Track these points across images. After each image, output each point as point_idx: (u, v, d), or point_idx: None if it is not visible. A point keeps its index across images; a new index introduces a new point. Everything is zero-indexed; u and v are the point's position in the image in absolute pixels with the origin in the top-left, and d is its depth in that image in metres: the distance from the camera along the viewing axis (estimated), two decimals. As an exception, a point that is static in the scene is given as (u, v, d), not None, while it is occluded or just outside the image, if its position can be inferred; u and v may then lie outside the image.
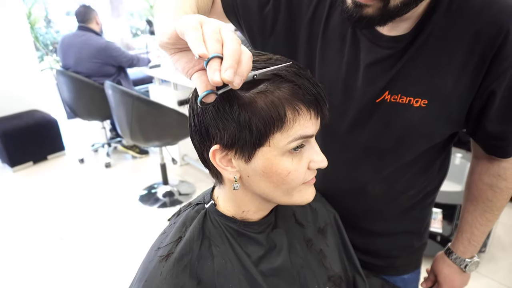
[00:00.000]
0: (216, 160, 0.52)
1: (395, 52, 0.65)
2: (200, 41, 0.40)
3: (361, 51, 0.67)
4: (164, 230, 0.62)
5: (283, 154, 0.51)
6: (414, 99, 0.65)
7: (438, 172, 0.82)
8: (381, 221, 0.84)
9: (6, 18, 3.22)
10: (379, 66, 0.66)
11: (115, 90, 2.30)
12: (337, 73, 0.71)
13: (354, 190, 0.78)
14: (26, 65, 3.44)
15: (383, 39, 0.65)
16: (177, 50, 0.46)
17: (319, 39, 0.71)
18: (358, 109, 0.70)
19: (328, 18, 0.70)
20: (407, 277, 0.90)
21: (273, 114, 0.48)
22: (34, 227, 2.50)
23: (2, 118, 3.29)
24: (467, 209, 0.83)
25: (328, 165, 0.55)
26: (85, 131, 4.15)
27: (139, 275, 0.57)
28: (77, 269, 2.12)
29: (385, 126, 0.69)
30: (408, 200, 0.81)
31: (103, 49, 3.00)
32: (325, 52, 0.71)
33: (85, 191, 2.96)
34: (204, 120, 0.50)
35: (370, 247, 0.87)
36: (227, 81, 0.39)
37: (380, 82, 0.67)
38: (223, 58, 0.39)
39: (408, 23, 0.62)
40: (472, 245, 0.83)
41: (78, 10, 3.04)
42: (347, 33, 0.68)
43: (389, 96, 0.67)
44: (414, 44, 0.63)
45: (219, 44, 0.40)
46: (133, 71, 4.17)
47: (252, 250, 0.59)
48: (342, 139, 0.75)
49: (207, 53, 0.39)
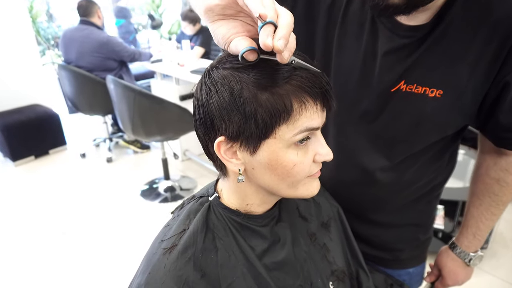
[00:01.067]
0: (221, 152, 0.52)
1: (413, 41, 0.65)
2: (261, 4, 0.41)
3: (379, 39, 0.67)
4: (168, 223, 0.62)
5: (289, 147, 0.51)
6: (429, 89, 0.65)
7: (446, 165, 0.82)
8: (388, 212, 0.84)
9: (7, 12, 3.21)
10: (396, 54, 0.66)
11: (117, 84, 2.30)
12: (354, 60, 0.71)
13: (364, 178, 0.78)
14: (27, 59, 3.44)
15: (401, 28, 0.65)
16: (221, 17, 0.47)
17: (337, 26, 0.71)
18: (373, 97, 0.70)
19: (348, 6, 0.70)
20: (412, 271, 0.91)
21: (279, 106, 0.47)
22: (36, 221, 2.50)
23: (4, 112, 3.29)
24: (473, 203, 0.83)
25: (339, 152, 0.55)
26: (87, 126, 4.15)
27: (143, 267, 0.56)
28: (79, 263, 2.12)
29: (399, 115, 0.70)
30: (416, 192, 0.81)
31: (105, 43, 2.99)
32: (343, 39, 0.71)
33: (87, 186, 2.96)
34: (209, 111, 0.50)
35: (376, 238, 0.87)
36: (277, 49, 0.41)
37: (397, 70, 0.67)
38: (278, 27, 0.41)
39: (427, 13, 0.62)
40: (476, 239, 0.83)
41: (80, 4, 3.02)
42: (365, 21, 0.69)
43: (404, 85, 0.67)
44: (432, 34, 0.63)
45: (275, 13, 0.42)
46: (134, 66, 4.16)
47: (256, 243, 0.59)
48: (355, 126, 0.75)
49: (267, 16, 0.40)
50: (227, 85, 0.47)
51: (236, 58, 0.48)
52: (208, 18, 0.48)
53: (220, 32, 0.47)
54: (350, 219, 0.86)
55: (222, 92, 0.48)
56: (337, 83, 0.73)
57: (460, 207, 2.07)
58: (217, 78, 0.49)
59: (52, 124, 3.42)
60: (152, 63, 3.22)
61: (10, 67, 3.32)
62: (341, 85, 0.73)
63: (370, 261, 0.90)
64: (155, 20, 3.81)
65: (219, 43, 0.48)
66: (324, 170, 0.82)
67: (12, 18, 3.25)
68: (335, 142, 0.78)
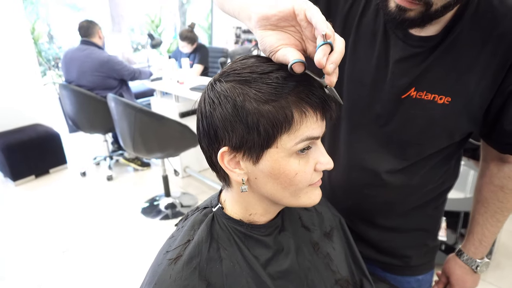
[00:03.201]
0: (225, 162, 0.53)
1: (424, 51, 0.69)
2: (325, 23, 0.44)
3: (391, 48, 0.71)
4: (172, 234, 0.63)
5: (290, 156, 0.52)
6: (438, 96, 0.69)
7: (453, 170, 0.85)
8: (396, 216, 0.85)
9: (10, 34, 3.27)
10: (407, 62, 0.70)
11: (117, 102, 2.32)
12: (367, 67, 0.74)
13: (374, 180, 0.80)
14: (29, 80, 3.48)
15: (412, 38, 0.69)
16: (273, 28, 0.50)
17: (351, 34, 0.75)
18: (385, 102, 0.73)
19: (362, 15, 0.74)
20: (422, 278, 0.91)
21: (281, 116, 0.49)
22: (37, 240, 2.49)
23: (5, 132, 3.31)
24: (478, 211, 0.85)
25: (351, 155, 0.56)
26: (87, 145, 4.16)
27: (148, 278, 0.57)
28: (80, 282, 2.10)
29: (409, 119, 0.72)
30: (424, 196, 0.83)
31: (106, 62, 3.03)
32: (356, 46, 0.75)
33: (88, 204, 2.95)
34: (212, 123, 0.51)
35: (385, 244, 0.88)
36: (327, 72, 0.45)
37: (408, 77, 0.70)
38: (333, 51, 0.45)
39: (438, 25, 0.66)
40: (483, 245, 0.85)
41: (81, 25, 3.08)
42: (378, 31, 0.72)
43: (415, 92, 0.70)
44: (442, 44, 0.67)
45: (334, 38, 0.45)
46: (134, 85, 4.21)
47: (260, 253, 0.60)
48: (367, 129, 0.78)
49: (330, 36, 0.43)
50: (230, 97, 0.49)
51: (237, 72, 0.51)
52: (260, 25, 0.50)
53: (269, 40, 0.49)
54: (359, 224, 0.87)
55: (225, 104, 0.49)
56: (350, 88, 0.77)
57: (462, 218, 2.06)
58: (220, 91, 0.50)
59: (53, 143, 3.43)
60: (152, 81, 3.26)
61: (12, 87, 3.35)
62: (354, 90, 0.76)
63: (379, 268, 0.91)
64: (155, 39, 3.87)
65: (265, 50, 0.50)
66: (335, 173, 0.84)
67: (15, 39, 3.31)
68: (347, 145, 0.81)
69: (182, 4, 7.34)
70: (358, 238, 0.88)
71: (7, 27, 3.24)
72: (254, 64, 0.51)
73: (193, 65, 3.70)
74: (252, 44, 5.35)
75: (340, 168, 0.83)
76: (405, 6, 0.59)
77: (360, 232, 0.89)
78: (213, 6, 5.79)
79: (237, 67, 0.51)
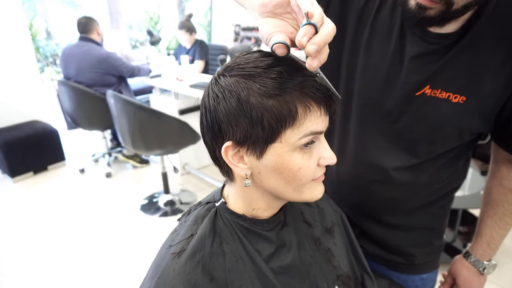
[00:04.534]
0: (228, 157, 0.53)
1: (440, 48, 0.68)
2: (311, 4, 0.43)
3: (407, 44, 0.70)
4: (175, 229, 0.63)
5: (294, 150, 0.52)
6: (453, 95, 0.68)
7: (461, 170, 0.84)
8: (402, 214, 0.85)
9: (8, 30, 3.25)
10: (423, 59, 0.69)
11: (117, 99, 2.32)
12: (382, 62, 0.73)
13: (382, 177, 0.80)
14: (27, 76, 3.46)
15: (430, 35, 0.68)
16: (270, 15, 0.50)
17: (367, 28, 0.74)
18: (397, 98, 0.73)
19: (379, 10, 0.73)
20: (426, 276, 0.91)
21: (285, 111, 0.49)
22: (35, 237, 2.48)
23: (3, 128, 3.30)
24: (487, 213, 0.85)
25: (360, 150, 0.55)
26: (86, 141, 4.15)
27: (151, 273, 0.57)
28: (80, 279, 2.10)
29: (422, 117, 0.72)
30: (431, 194, 0.83)
31: (105, 59, 3.02)
32: (371, 41, 0.74)
33: (86, 201, 2.95)
34: (216, 117, 0.51)
35: (390, 241, 0.88)
36: (307, 52, 0.43)
37: (423, 74, 0.69)
38: (318, 33, 0.43)
39: (456, 23, 0.65)
40: (491, 248, 0.85)
41: (79, 21, 3.06)
42: (394, 26, 0.71)
43: (429, 90, 0.69)
44: (459, 43, 0.66)
45: (322, 20, 0.44)
46: (133, 82, 4.20)
47: (262, 248, 0.60)
48: (377, 125, 0.77)
49: (313, 15, 0.42)
50: (234, 92, 0.49)
51: (242, 66, 0.51)
52: (260, 13, 0.51)
53: (265, 27, 0.50)
54: (365, 220, 0.87)
55: (230, 99, 0.49)
56: (363, 83, 0.76)
57: (460, 215, 2.07)
58: (224, 85, 0.50)
59: (51, 140, 3.42)
60: (151, 78, 3.26)
61: (10, 84, 3.34)
62: (366, 85, 0.76)
63: (384, 266, 0.90)
64: (154, 36, 3.86)
65: (263, 37, 0.51)
66: (343, 168, 0.84)
67: (13, 35, 3.29)
68: (356, 140, 0.80)
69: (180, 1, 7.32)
70: (363, 234, 0.89)
71: (5, 23, 3.23)
72: (258, 58, 0.51)
73: (193, 61, 3.69)
74: (251, 41, 5.34)
75: (348, 163, 0.83)
76: (426, 5, 0.59)
77: (365, 229, 0.88)
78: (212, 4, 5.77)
79: (241, 62, 0.51)
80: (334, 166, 0.83)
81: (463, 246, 2.15)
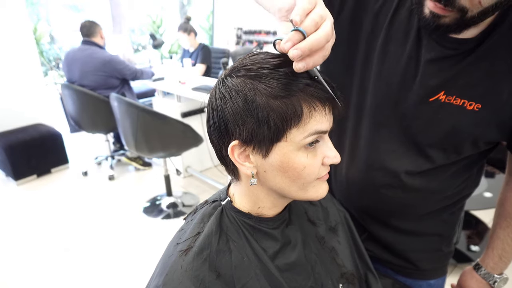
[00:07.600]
0: (235, 156, 0.54)
1: (458, 54, 0.66)
2: (303, 12, 0.45)
3: (423, 48, 0.69)
4: (182, 227, 0.64)
5: (299, 149, 0.53)
6: (468, 102, 0.67)
7: (474, 178, 0.83)
8: (412, 219, 0.84)
9: (13, 34, 3.28)
10: (439, 64, 0.68)
11: (120, 101, 2.33)
12: (397, 66, 0.72)
13: (393, 181, 0.79)
14: (31, 80, 3.49)
15: (446, 39, 0.66)
16: (285, 19, 0.53)
17: (382, 32, 0.73)
18: (411, 102, 0.71)
19: (395, 14, 0.72)
20: (433, 283, 0.90)
21: (290, 111, 0.50)
22: (38, 240, 2.49)
23: (7, 131, 3.32)
24: (500, 225, 0.82)
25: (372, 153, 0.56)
26: (89, 144, 4.17)
27: (159, 270, 0.58)
28: (83, 281, 2.11)
29: (435, 123, 0.71)
30: (442, 201, 0.82)
31: (108, 62, 3.04)
32: (387, 45, 0.73)
33: (89, 203, 2.96)
34: (223, 117, 0.52)
35: (399, 246, 0.87)
36: (291, 56, 0.46)
37: (438, 79, 0.68)
38: (305, 39, 0.45)
39: (476, 29, 0.64)
40: (502, 261, 0.82)
41: (83, 24, 3.08)
42: (411, 30, 0.70)
43: (444, 96, 0.68)
44: (477, 49, 0.65)
45: (313, 27, 0.45)
46: (136, 85, 4.22)
47: (268, 245, 0.61)
48: (390, 129, 0.76)
49: (298, 23, 0.44)
50: (241, 92, 0.50)
51: (248, 67, 0.52)
52: (278, 18, 0.55)
53: (282, 30, 0.53)
54: (373, 224, 0.86)
55: (236, 99, 0.51)
56: (377, 86, 0.75)
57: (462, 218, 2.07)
58: (231, 86, 0.52)
59: (55, 143, 3.44)
60: (154, 81, 3.28)
61: (14, 87, 3.37)
62: (380, 88, 0.75)
63: (391, 270, 0.90)
64: (157, 39, 3.89)
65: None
66: (353, 170, 0.83)
67: (18, 40, 3.32)
68: (368, 143, 0.79)
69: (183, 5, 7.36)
70: (371, 238, 0.88)
71: (10, 28, 3.25)
72: (264, 59, 0.52)
73: (195, 64, 3.71)
74: (253, 45, 5.36)
75: (359, 166, 0.81)
76: (439, 13, 0.59)
77: (373, 232, 0.87)
78: (214, 7, 5.80)
79: (248, 63, 0.53)
80: (344, 168, 0.83)
81: (467, 248, 2.15)
